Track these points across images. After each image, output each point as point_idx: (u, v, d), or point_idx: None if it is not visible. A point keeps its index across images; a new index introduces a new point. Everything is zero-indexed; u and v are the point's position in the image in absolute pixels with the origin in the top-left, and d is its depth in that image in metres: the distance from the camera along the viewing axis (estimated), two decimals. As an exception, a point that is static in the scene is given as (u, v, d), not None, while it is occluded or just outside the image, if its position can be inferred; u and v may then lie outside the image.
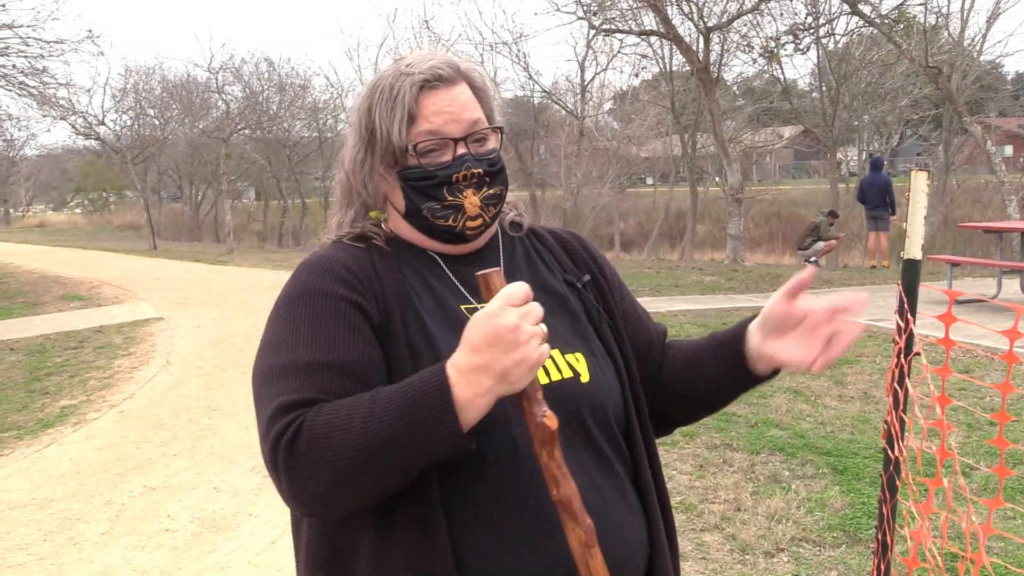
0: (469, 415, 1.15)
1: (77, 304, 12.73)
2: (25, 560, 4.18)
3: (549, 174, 31.93)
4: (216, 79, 27.24)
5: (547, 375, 1.35)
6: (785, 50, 19.04)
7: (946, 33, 19.84)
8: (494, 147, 1.43)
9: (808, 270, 1.41)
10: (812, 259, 16.05)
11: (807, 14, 19.56)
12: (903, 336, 2.01)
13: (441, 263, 1.43)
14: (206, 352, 8.94)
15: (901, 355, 2.01)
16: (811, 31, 19.07)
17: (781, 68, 23.82)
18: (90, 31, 25.79)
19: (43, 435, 6.19)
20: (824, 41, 22.07)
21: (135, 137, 31.64)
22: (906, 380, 1.98)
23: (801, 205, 32.23)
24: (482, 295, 1.19)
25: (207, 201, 37.71)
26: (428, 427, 1.14)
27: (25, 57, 16.44)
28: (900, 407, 2.01)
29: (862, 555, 3.78)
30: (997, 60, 32.13)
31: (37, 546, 4.34)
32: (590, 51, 24.84)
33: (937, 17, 18.96)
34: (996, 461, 4.53)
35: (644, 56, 24.51)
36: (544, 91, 27.09)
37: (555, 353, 1.37)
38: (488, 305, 1.16)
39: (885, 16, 15.66)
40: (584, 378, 1.38)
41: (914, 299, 2.04)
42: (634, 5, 19.25)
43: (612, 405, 1.42)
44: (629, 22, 20.52)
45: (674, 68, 24.52)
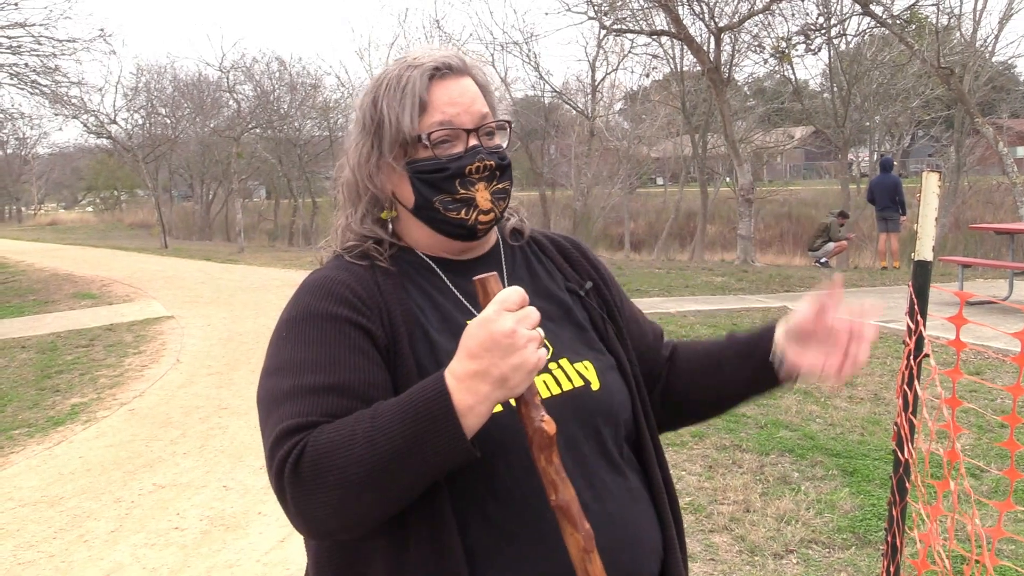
0: (470, 422, 1.13)
1: (88, 302, 12.77)
2: (35, 557, 4.20)
3: (559, 174, 31.91)
4: (227, 78, 27.34)
5: (558, 385, 1.34)
6: (796, 50, 18.95)
7: (958, 34, 19.78)
8: (500, 143, 1.42)
9: (836, 282, 1.39)
10: (822, 260, 15.99)
11: (819, 14, 19.57)
12: (913, 338, 2.00)
13: (444, 278, 1.41)
14: (216, 351, 8.96)
15: (911, 357, 2.00)
16: (823, 31, 19.02)
17: (792, 68, 23.80)
18: (102, 30, 25.90)
19: (54, 433, 6.22)
20: (836, 41, 22.01)
21: (147, 136, 31.69)
22: (916, 382, 1.97)
23: (812, 206, 32.13)
24: (479, 300, 1.18)
25: (218, 200, 37.83)
26: (430, 436, 1.12)
27: (38, 56, 16.56)
28: (910, 409, 2.01)
29: (871, 557, 3.76)
30: (1010, 61, 32.14)
31: (47, 543, 4.36)
32: (601, 51, 24.86)
33: (949, 18, 18.93)
34: (1007, 464, 4.51)
35: (655, 56, 24.48)
36: (555, 91, 27.10)
37: (564, 362, 1.37)
38: (484, 311, 1.14)
39: (897, 17, 15.60)
40: (595, 386, 1.37)
41: (925, 301, 2.03)
42: (645, 5, 19.26)
43: (623, 412, 1.42)
44: (640, 22, 20.51)
45: (685, 68, 24.50)
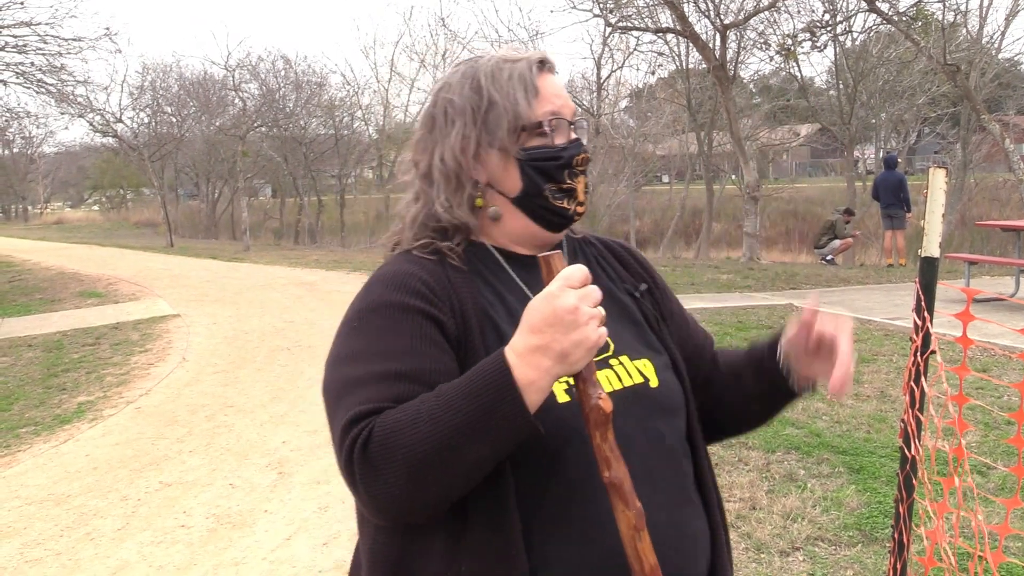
0: (532, 396, 1.14)
1: (94, 301, 12.80)
2: (42, 555, 4.21)
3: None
4: (233, 77, 27.28)
5: (619, 380, 1.36)
6: (802, 47, 18.95)
7: (964, 30, 19.72)
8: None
9: (813, 300, 1.42)
10: (828, 257, 15.95)
11: (824, 11, 19.53)
12: (920, 334, 2.00)
13: (511, 272, 1.42)
14: (222, 349, 8.98)
15: (918, 353, 2.00)
16: (828, 28, 18.97)
17: (798, 65, 23.77)
18: (108, 28, 26.06)
19: (60, 431, 6.23)
20: (841, 38, 21.95)
21: (152, 134, 31.71)
22: (922, 379, 1.97)
23: (818, 203, 32.01)
24: (542, 277, 1.19)
25: (224, 198, 37.84)
26: (493, 410, 1.12)
27: (43, 55, 16.55)
28: (917, 406, 2.00)
29: (878, 554, 3.76)
30: (1016, 57, 31.96)
31: (54, 541, 4.37)
32: (606, 48, 24.77)
33: (955, 14, 18.88)
34: (1014, 460, 4.49)
35: (660, 54, 24.50)
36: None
37: (624, 359, 1.39)
38: (548, 286, 1.15)
39: (903, 13, 15.55)
40: (653, 383, 1.40)
41: (931, 297, 2.02)
42: (650, 2, 19.20)
43: (679, 410, 1.45)
44: (645, 19, 20.46)
45: (690, 66, 24.48)
